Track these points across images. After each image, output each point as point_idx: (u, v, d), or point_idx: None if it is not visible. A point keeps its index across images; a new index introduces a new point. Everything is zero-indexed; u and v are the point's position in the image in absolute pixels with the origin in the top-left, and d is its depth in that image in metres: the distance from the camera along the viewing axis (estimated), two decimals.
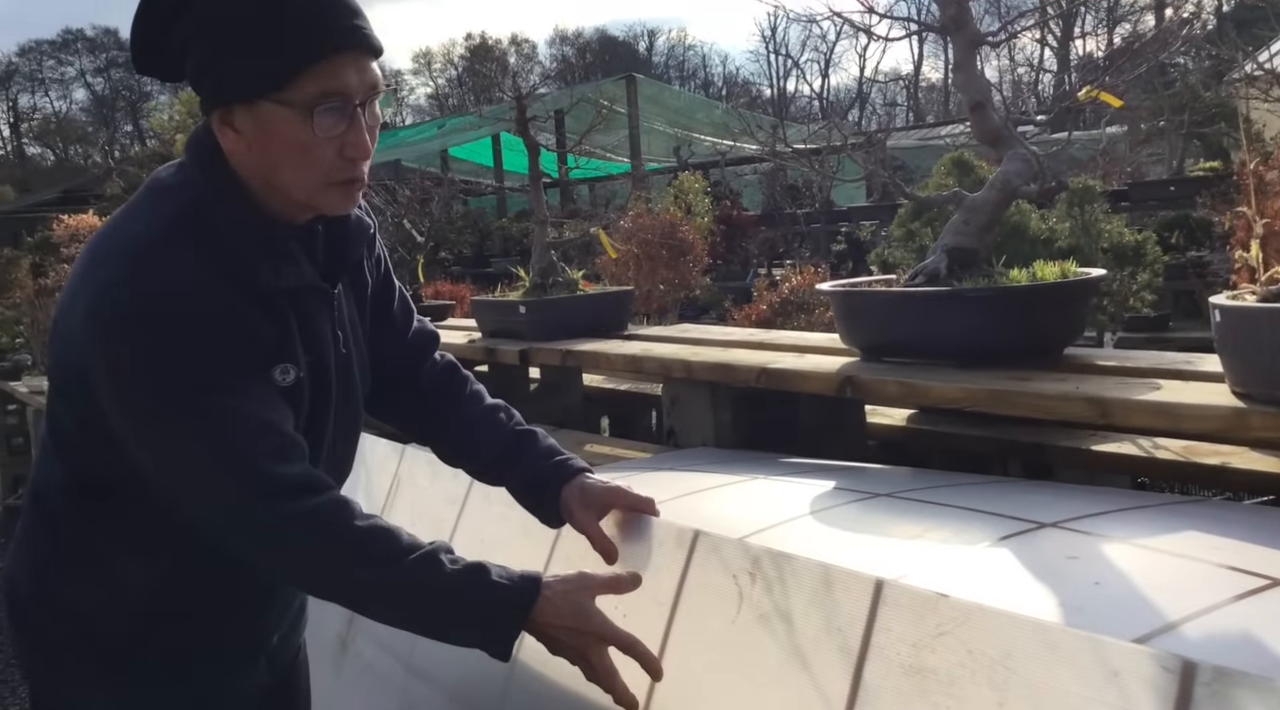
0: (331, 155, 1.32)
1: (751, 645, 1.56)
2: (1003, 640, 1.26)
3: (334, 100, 1.29)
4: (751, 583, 1.62)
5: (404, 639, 2.36)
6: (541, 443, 1.77)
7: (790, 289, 4.72)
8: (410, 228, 5.41)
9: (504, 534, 2.15)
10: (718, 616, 1.64)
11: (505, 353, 4.08)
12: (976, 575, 1.74)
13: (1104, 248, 3.21)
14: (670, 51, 56.27)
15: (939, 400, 2.56)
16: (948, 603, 1.35)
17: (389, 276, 1.72)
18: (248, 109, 1.30)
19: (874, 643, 1.40)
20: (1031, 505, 2.04)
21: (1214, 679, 1.04)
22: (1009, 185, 2.75)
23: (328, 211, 1.41)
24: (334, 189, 1.36)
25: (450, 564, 1.38)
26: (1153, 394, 2.19)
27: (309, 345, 1.44)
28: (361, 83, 1.32)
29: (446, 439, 1.82)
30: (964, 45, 2.79)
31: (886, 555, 1.88)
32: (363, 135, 1.33)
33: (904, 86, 50.79)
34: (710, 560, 1.70)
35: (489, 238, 16.49)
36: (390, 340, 1.71)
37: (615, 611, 1.81)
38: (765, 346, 3.46)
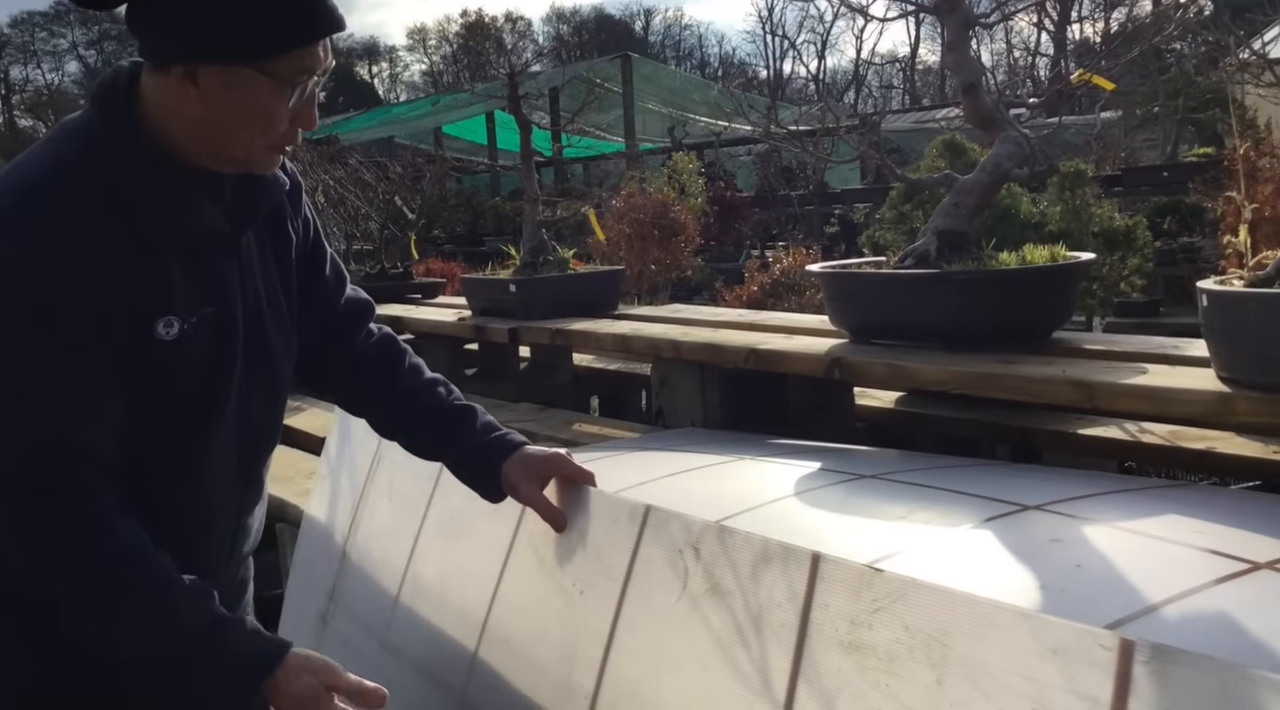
0: (279, 123, 1.36)
1: (696, 623, 1.55)
2: (940, 617, 1.23)
3: (304, 78, 1.34)
4: (696, 559, 1.60)
5: (380, 617, 2.37)
6: (480, 418, 1.73)
7: (781, 270, 4.71)
8: (402, 205, 5.39)
9: (472, 511, 2.15)
10: (665, 593, 1.63)
11: (495, 331, 4.07)
12: (959, 557, 1.75)
13: (1094, 232, 3.21)
14: (667, 31, 56.03)
15: (925, 382, 2.56)
16: (883, 578, 1.32)
17: (319, 240, 1.69)
18: (222, 71, 1.31)
19: (813, 620, 1.38)
20: (1016, 488, 2.04)
21: (1152, 657, 1.03)
22: (1000, 168, 2.75)
23: (257, 171, 1.42)
24: (269, 153, 1.40)
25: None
26: (1138, 378, 2.19)
27: (209, 294, 1.41)
28: (323, 64, 1.36)
29: (383, 411, 1.78)
30: (957, 26, 2.78)
31: (868, 537, 1.88)
32: (314, 108, 1.38)
33: (900, 69, 50.64)
34: (659, 536, 1.68)
35: (483, 216, 16.43)
36: (321, 306, 1.68)
37: (571, 586, 1.82)
38: (754, 327, 3.46)
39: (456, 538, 2.22)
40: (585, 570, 1.82)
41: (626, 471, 2.67)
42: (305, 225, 1.64)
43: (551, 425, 3.50)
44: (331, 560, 2.63)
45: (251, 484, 1.59)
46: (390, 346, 1.77)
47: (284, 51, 1.31)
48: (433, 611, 2.21)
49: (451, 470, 1.77)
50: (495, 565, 2.04)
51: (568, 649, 1.78)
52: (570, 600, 1.83)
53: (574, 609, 1.81)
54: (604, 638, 1.71)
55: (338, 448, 2.80)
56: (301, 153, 5.84)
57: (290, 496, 2.94)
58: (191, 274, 1.38)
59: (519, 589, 1.97)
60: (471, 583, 2.09)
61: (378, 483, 2.58)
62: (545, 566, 1.92)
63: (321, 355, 1.70)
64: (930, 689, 1.21)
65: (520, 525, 2.00)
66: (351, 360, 1.73)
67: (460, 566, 2.17)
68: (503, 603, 2.01)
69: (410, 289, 5.36)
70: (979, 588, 1.65)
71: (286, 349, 1.56)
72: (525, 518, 1.97)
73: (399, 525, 2.40)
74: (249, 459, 1.54)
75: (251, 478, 1.58)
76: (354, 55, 55.46)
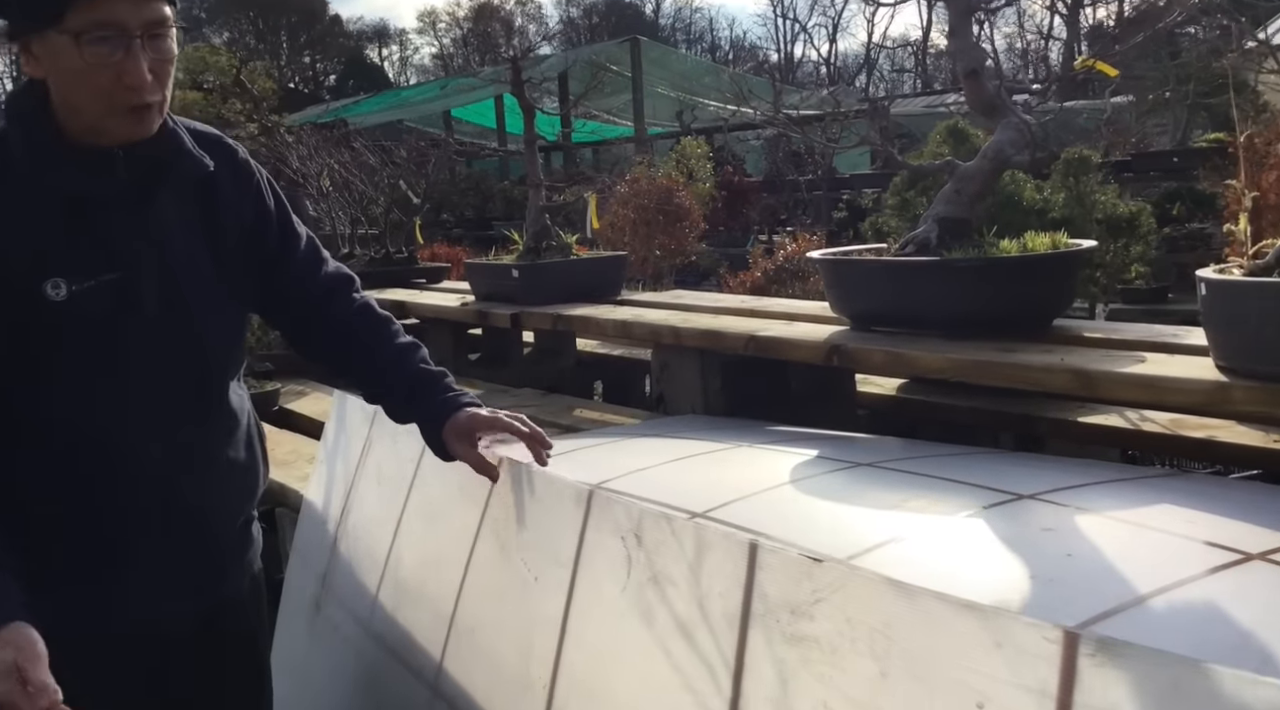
0: (109, 83, 1.41)
1: (641, 612, 1.52)
2: (882, 608, 1.21)
3: (104, 31, 1.39)
4: (638, 545, 1.58)
5: (364, 603, 2.37)
6: (439, 381, 1.84)
7: (785, 256, 4.70)
8: (407, 189, 5.38)
9: (445, 496, 2.16)
10: (611, 581, 1.60)
11: (497, 316, 4.07)
12: (950, 546, 1.74)
13: (1098, 219, 3.19)
14: (677, 14, 55.82)
15: (924, 370, 2.55)
16: (822, 568, 1.30)
17: (287, 220, 1.79)
18: (40, 40, 1.42)
19: (754, 610, 1.36)
20: (1012, 477, 2.03)
21: (1098, 650, 1.01)
22: (1001, 154, 2.73)
23: (120, 136, 1.48)
24: (121, 115, 1.45)
25: None
26: (1136, 367, 2.18)
27: (108, 259, 1.49)
28: (138, 17, 1.40)
29: (362, 377, 1.90)
30: (959, 11, 2.76)
31: (860, 525, 1.87)
32: (138, 64, 1.41)
33: (912, 52, 50.38)
34: (604, 521, 1.66)
35: (491, 200, 16.42)
36: (296, 279, 1.79)
37: (527, 572, 1.81)
38: (755, 314, 3.45)
39: (433, 523, 2.22)
40: (538, 555, 1.81)
41: (624, 458, 2.66)
42: (257, 202, 1.71)
43: (553, 411, 3.50)
44: (324, 546, 2.64)
45: (188, 426, 1.61)
46: (367, 313, 1.87)
47: (64, 8, 1.38)
48: (409, 598, 2.22)
49: (422, 435, 1.86)
50: (464, 551, 2.04)
51: (525, 638, 1.77)
52: (526, 587, 1.82)
53: (529, 596, 1.81)
54: (557, 626, 1.70)
55: (335, 433, 2.81)
56: (307, 136, 5.85)
57: (291, 481, 2.95)
58: (83, 240, 1.48)
59: (483, 576, 1.97)
60: (444, 569, 2.09)
61: (367, 468, 2.58)
62: (506, 551, 1.92)
63: (302, 323, 1.85)
64: (874, 681, 1.19)
65: (486, 509, 2.00)
66: (331, 330, 1.85)
67: (435, 552, 2.18)
68: (469, 591, 2.01)
69: (415, 274, 5.36)
70: (965, 578, 1.65)
71: (211, 308, 1.63)
72: (491, 502, 1.96)
73: (384, 510, 2.41)
74: (173, 406, 1.58)
75: (186, 419, 1.61)
76: (364, 38, 55.40)
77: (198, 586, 1.67)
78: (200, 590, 1.68)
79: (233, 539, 1.73)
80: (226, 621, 1.74)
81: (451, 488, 2.10)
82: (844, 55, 51.91)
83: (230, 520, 1.72)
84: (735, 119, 12.96)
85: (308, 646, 2.55)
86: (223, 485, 1.68)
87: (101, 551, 1.56)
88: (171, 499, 1.59)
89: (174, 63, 1.50)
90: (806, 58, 52.31)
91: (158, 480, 1.58)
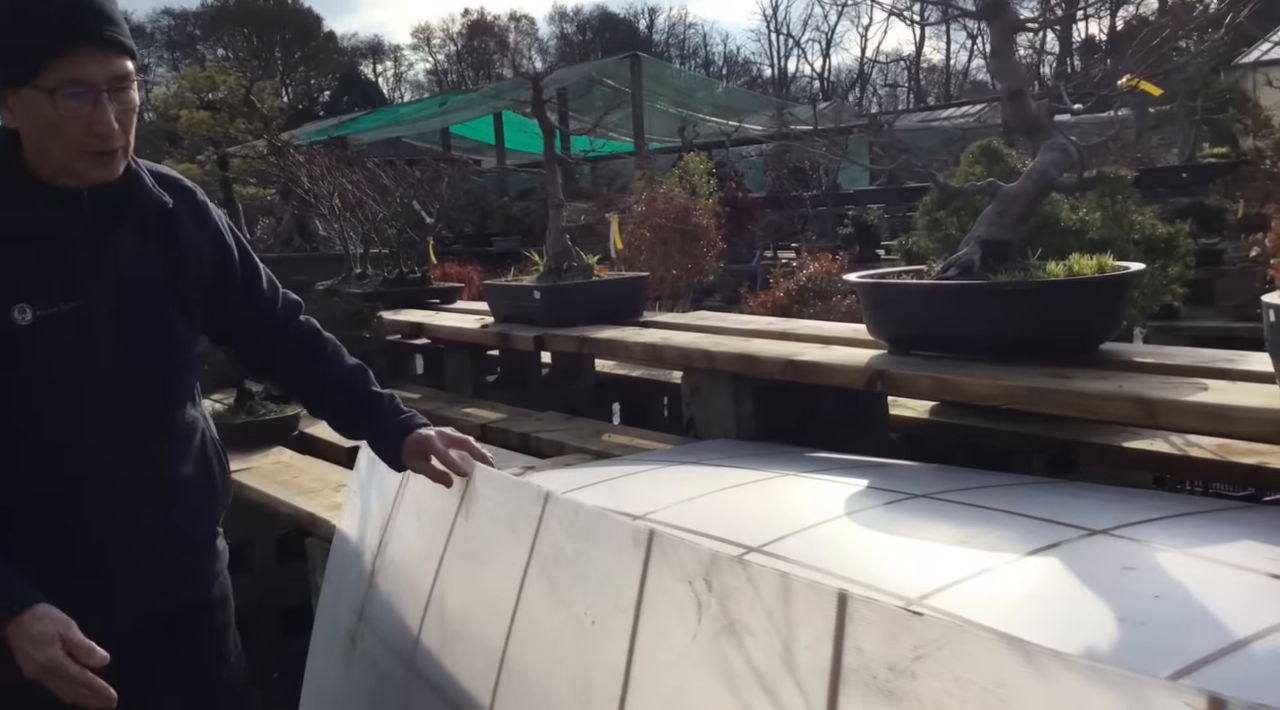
0: (81, 132, 1.56)
1: (716, 663, 1.45)
2: (994, 667, 1.13)
3: (76, 87, 1.54)
4: (709, 591, 1.50)
5: (406, 640, 2.31)
6: (388, 403, 2.02)
7: (808, 276, 4.64)
8: (420, 209, 5.32)
9: (492, 532, 2.10)
10: (680, 628, 1.53)
11: (520, 339, 4.01)
12: (1025, 587, 1.69)
13: (1135, 239, 3.14)
14: (671, 29, 55.86)
15: (974, 396, 2.50)
16: (924, 622, 1.22)
17: (245, 253, 1.94)
18: (16, 95, 1.57)
19: (846, 664, 1.28)
20: (1078, 510, 1.98)
21: None
22: (1046, 176, 2.68)
23: (89, 178, 1.63)
24: (89, 158, 1.60)
25: None
26: (1200, 395, 2.13)
27: (70, 289, 1.64)
28: (105, 74, 1.56)
29: (313, 397, 2.11)
30: (1002, 31, 2.72)
31: (925, 564, 1.81)
32: (106, 115, 1.56)
33: (905, 67, 50.50)
34: (667, 564, 1.60)
35: (490, 216, 16.36)
36: (257, 307, 1.97)
37: (583, 615, 1.75)
38: (787, 337, 3.40)
39: (477, 560, 2.16)
40: (595, 598, 1.74)
41: (665, 487, 2.61)
42: (216, 239, 1.86)
43: (581, 435, 3.44)
44: (360, 579, 2.57)
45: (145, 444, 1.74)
46: (316, 338, 2.05)
47: (38, 68, 1.54)
48: (455, 637, 2.15)
49: (371, 448, 2.08)
50: (512, 590, 1.97)
51: (583, 683, 1.70)
52: (583, 630, 1.75)
53: (587, 640, 1.74)
54: (620, 673, 1.64)
55: (368, 463, 2.74)
56: (319, 157, 5.79)
57: (320, 510, 2.88)
58: (49, 271, 1.63)
59: (534, 616, 1.90)
60: (491, 608, 2.02)
61: (406, 500, 2.52)
62: (558, 592, 1.85)
63: (263, 348, 2.04)
64: None
65: (534, 547, 1.94)
66: (287, 353, 2.03)
67: (481, 590, 2.11)
68: (519, 631, 1.94)
69: (429, 294, 5.30)
70: (1050, 621, 1.59)
71: (165, 335, 1.77)
72: (539, 539, 1.91)
73: (425, 545, 2.34)
74: (129, 422, 1.72)
75: (142, 437, 1.74)
76: (358, 54, 55.41)
77: (155, 594, 1.79)
78: (158, 598, 1.80)
79: (193, 550, 1.86)
80: (189, 626, 1.87)
81: (499, 525, 2.03)
82: (837, 70, 52.03)
83: (188, 533, 1.84)
84: (737, 134, 12.92)
85: (344, 680, 2.48)
86: (179, 501, 1.80)
87: (63, 560, 1.68)
88: (130, 512, 1.72)
89: (136, 111, 1.65)
90: (800, 73, 52.43)
91: (117, 495, 1.70)
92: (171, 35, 51.95)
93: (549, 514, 1.87)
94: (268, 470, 3.36)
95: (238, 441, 3.67)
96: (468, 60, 55.01)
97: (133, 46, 1.63)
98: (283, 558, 4.11)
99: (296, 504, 2.95)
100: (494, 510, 2.08)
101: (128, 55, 1.61)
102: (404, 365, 5.30)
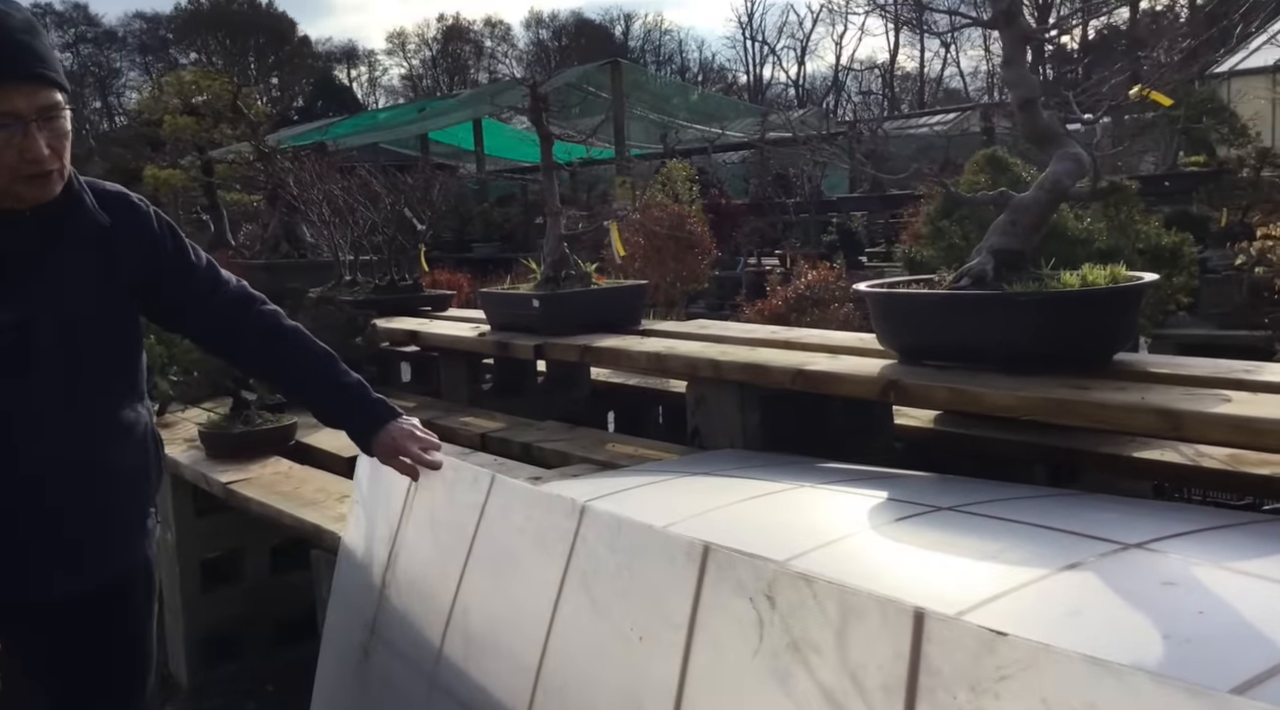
0: (14, 159, 1.73)
1: (780, 681, 1.41)
2: (1082, 689, 1.10)
3: (4, 118, 1.71)
4: (771, 608, 1.48)
5: (426, 654, 2.27)
6: (362, 394, 2.19)
7: (806, 284, 4.63)
8: (411, 217, 5.28)
9: (520, 545, 2.07)
10: (739, 646, 1.50)
11: (519, 348, 3.97)
12: (1065, 603, 1.66)
13: (1140, 249, 3.14)
14: (647, 36, 55.93)
15: (992, 408, 2.48)
16: (1008, 643, 1.19)
17: (184, 256, 2.10)
18: None
19: (922, 685, 1.24)
20: (1104, 523, 1.96)
21: None
22: (1059, 185, 2.68)
23: (29, 199, 1.79)
24: (25, 181, 1.76)
25: None
26: (1225, 407, 2.12)
27: (12, 302, 1.79)
28: (31, 105, 1.73)
29: (289, 386, 2.33)
30: (1014, 41, 2.71)
31: (960, 579, 1.79)
32: (35, 143, 1.73)
33: (879, 75, 50.74)
34: (724, 580, 1.56)
35: (470, 222, 16.32)
36: (201, 302, 2.13)
37: (629, 631, 1.71)
38: (792, 345, 3.38)
39: (505, 573, 2.12)
40: (642, 613, 1.71)
41: (681, 499, 2.58)
42: (156, 243, 2.04)
43: (584, 445, 3.41)
44: (371, 592, 2.53)
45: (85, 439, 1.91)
46: (277, 325, 2.19)
47: None
48: (483, 652, 2.11)
49: (350, 437, 2.23)
50: (546, 604, 1.94)
51: (631, 701, 1.67)
52: (629, 646, 1.72)
53: (633, 656, 1.71)
54: (672, 690, 1.61)
55: (370, 472, 2.70)
56: (308, 162, 5.73)
57: (324, 522, 2.84)
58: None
59: (572, 631, 1.86)
60: (523, 622, 1.99)
61: (416, 511, 2.48)
62: (599, 607, 1.82)
63: (220, 338, 2.21)
64: None
65: (570, 560, 1.91)
66: (246, 342, 2.19)
67: (510, 604, 2.07)
68: (556, 645, 1.90)
69: (421, 301, 5.25)
70: (1095, 638, 1.57)
71: (101, 342, 1.94)
72: (576, 552, 1.88)
73: (443, 557, 2.31)
74: (73, 420, 1.89)
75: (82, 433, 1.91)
76: (333, 59, 55.18)
77: (85, 569, 1.97)
78: (88, 572, 1.98)
79: (127, 531, 2.05)
80: (116, 601, 2.05)
81: (526, 537, 2.00)
82: (812, 77, 52.25)
83: (121, 515, 2.02)
84: (720, 140, 12.92)
85: (358, 694, 2.44)
86: (116, 486, 1.99)
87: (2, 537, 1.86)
88: (71, 497, 1.90)
89: (69, 137, 1.81)
90: (775, 79, 52.61)
91: (59, 481, 1.88)
92: (144, 39, 51.55)
93: (586, 528, 1.84)
94: (268, 481, 3.31)
95: (234, 451, 3.63)
96: (443, 66, 54.89)
97: (61, 81, 1.80)
98: (277, 568, 4.06)
99: (300, 515, 2.91)
100: (521, 523, 2.05)
101: (55, 88, 1.78)
102: (391, 372, 5.25)
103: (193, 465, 3.57)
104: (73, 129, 1.86)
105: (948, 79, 48.95)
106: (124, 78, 51.79)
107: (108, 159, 12.01)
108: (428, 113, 20.03)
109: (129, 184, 2.18)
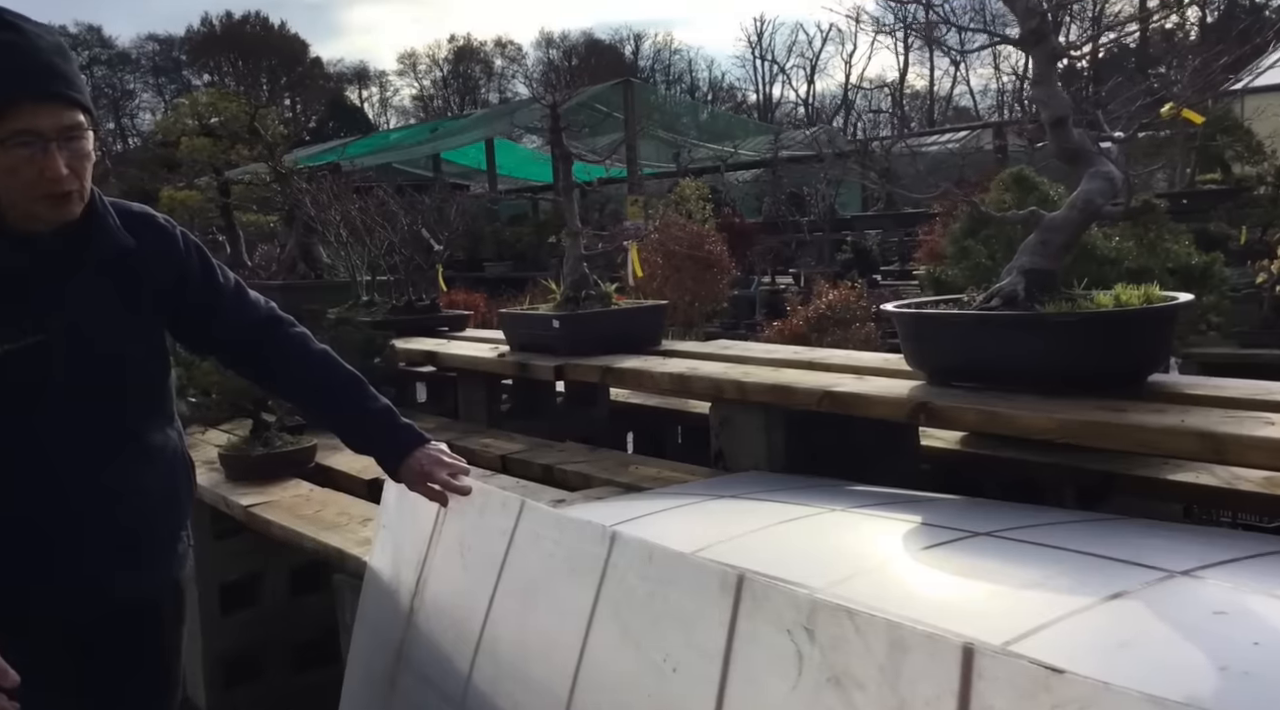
0: (34, 178, 1.71)
1: None
2: None
3: (24, 137, 1.69)
4: (810, 641, 1.44)
5: (454, 683, 2.23)
6: (390, 420, 2.18)
7: (827, 304, 4.60)
8: (428, 236, 5.26)
9: (550, 572, 2.03)
10: (777, 678, 1.47)
11: (539, 369, 3.94)
12: (1114, 634, 1.62)
13: (1170, 269, 3.11)
14: (656, 55, 56.04)
15: (1025, 430, 2.44)
16: (1064, 680, 1.16)
17: (210, 278, 2.08)
18: None
19: None
20: (1149, 550, 1.92)
21: None
22: (1091, 205, 2.65)
23: (50, 220, 1.78)
24: (45, 201, 1.74)
25: None
26: (1269, 430, 2.08)
27: (34, 325, 1.78)
28: (53, 125, 1.71)
29: (318, 412, 2.29)
30: (1044, 59, 2.68)
31: (1006, 608, 1.75)
32: (55, 162, 1.71)
33: (889, 93, 50.78)
34: (760, 611, 1.53)
35: (482, 242, 16.33)
36: (227, 322, 2.11)
37: (662, 662, 1.68)
38: (816, 366, 3.34)
39: (535, 600, 2.09)
40: (675, 644, 1.68)
41: (711, 523, 2.54)
42: (181, 266, 2.02)
43: (606, 467, 3.37)
44: (398, 618, 2.50)
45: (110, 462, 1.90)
46: (304, 347, 2.17)
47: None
48: (513, 682, 2.08)
49: (378, 463, 2.22)
50: (577, 634, 1.91)
51: None
52: (662, 677, 1.69)
53: (667, 687, 1.67)
54: None
55: (397, 497, 2.66)
56: (326, 182, 5.73)
57: (348, 545, 2.80)
58: (15, 308, 1.77)
59: (603, 660, 1.83)
60: (553, 651, 1.96)
61: (446, 538, 2.44)
62: (630, 637, 1.78)
63: (251, 358, 2.18)
64: None
65: (601, 588, 1.88)
66: (271, 365, 2.17)
67: (540, 632, 2.04)
68: (587, 674, 1.87)
69: (438, 322, 5.23)
70: (1148, 670, 1.53)
71: (124, 365, 1.92)
72: (607, 581, 1.85)
73: (472, 584, 2.27)
74: (94, 444, 1.87)
75: (107, 456, 1.89)
76: (344, 80, 55.45)
77: (121, 588, 1.96)
78: (124, 591, 1.97)
79: (156, 553, 2.03)
80: (147, 621, 2.06)
81: (556, 563, 1.97)
82: (822, 96, 52.31)
83: (146, 537, 1.99)
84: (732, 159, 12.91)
85: None
86: (141, 509, 1.96)
87: (25, 559, 1.84)
88: (94, 519, 1.88)
89: (90, 159, 1.79)
90: (785, 98, 52.70)
91: (83, 504, 1.87)
92: (156, 61, 51.91)
93: (617, 555, 1.81)
94: (289, 503, 3.28)
95: (254, 473, 3.60)
96: (454, 86, 55.11)
97: (86, 103, 1.78)
98: (296, 591, 4.02)
99: (323, 539, 2.87)
100: (551, 548, 2.02)
101: (79, 109, 1.76)
102: (407, 393, 5.22)
103: (212, 488, 3.54)
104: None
105: (957, 97, 48.97)
106: (137, 99, 52.14)
107: (124, 181, 12.04)
108: (440, 132, 20.09)
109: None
